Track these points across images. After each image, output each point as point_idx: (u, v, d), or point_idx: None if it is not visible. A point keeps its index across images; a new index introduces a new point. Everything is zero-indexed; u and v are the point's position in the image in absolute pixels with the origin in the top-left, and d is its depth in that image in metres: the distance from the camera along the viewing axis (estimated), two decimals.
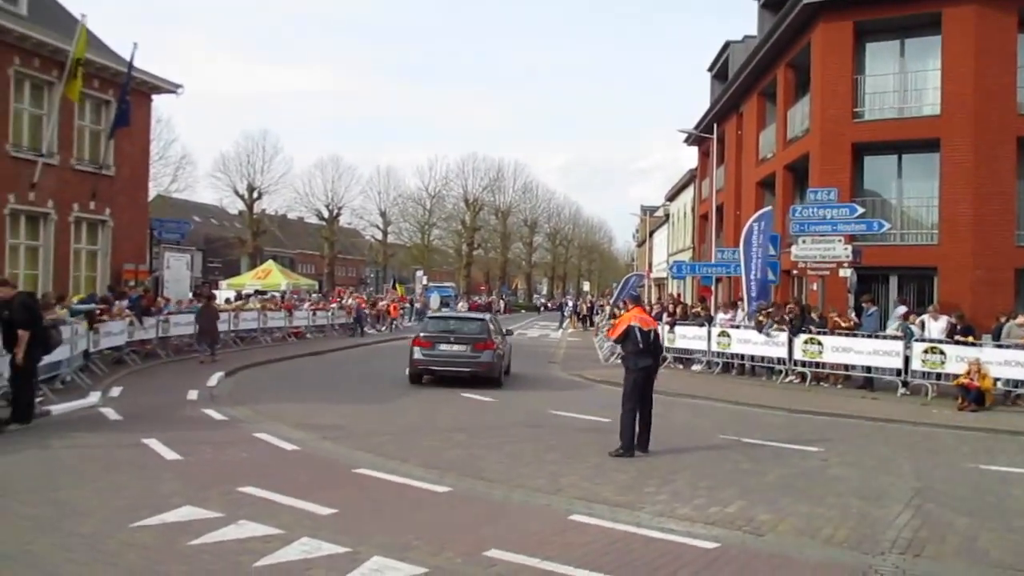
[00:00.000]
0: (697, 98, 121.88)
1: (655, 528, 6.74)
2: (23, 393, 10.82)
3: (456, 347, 16.93)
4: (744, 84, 29.40)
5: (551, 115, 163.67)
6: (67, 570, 5.34)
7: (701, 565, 5.88)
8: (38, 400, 11.73)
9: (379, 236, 72.43)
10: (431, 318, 20.63)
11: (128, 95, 22.15)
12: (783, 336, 17.93)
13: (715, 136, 32.79)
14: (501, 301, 68.17)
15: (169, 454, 9.14)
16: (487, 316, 20.76)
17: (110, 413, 12.11)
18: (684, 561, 5.94)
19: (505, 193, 76.11)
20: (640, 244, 71.10)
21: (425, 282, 56.69)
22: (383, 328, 37.83)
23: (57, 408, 12.06)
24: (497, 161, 75.04)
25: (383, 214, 70.19)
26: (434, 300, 49.12)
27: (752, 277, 20.45)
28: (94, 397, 13.32)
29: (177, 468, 8.56)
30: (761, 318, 18.81)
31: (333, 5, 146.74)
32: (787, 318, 18.22)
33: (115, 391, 14.32)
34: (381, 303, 41.16)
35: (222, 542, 5.97)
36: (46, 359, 12.31)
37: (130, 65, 21.91)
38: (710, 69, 37.48)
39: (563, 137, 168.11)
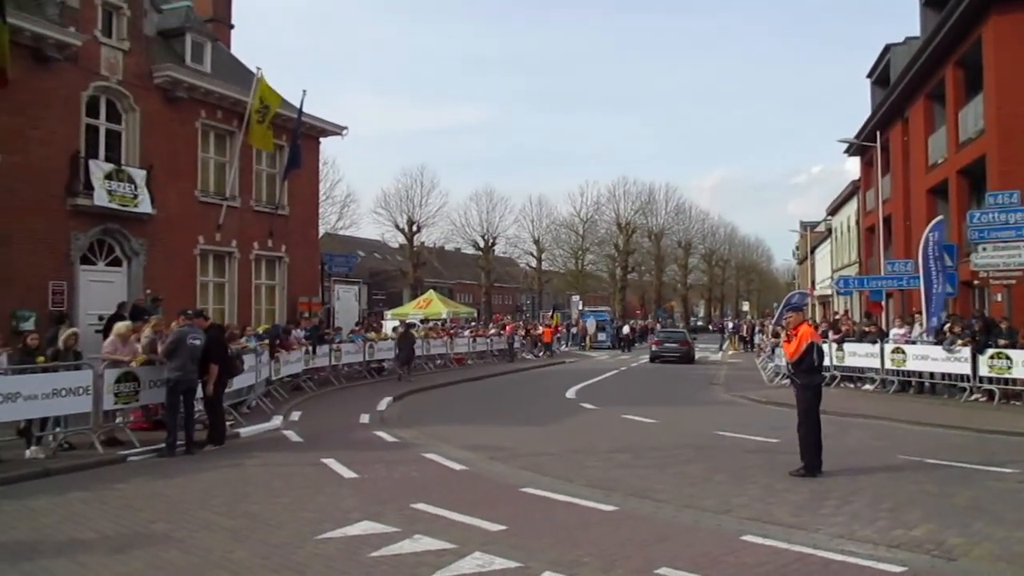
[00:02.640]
0: (856, 107, 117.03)
1: (834, 550, 6.43)
2: (216, 417, 11.80)
3: (673, 344, 35.74)
4: (908, 87, 27.88)
5: (701, 135, 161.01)
6: None
7: None
8: (228, 423, 12.72)
9: (533, 264, 73.27)
10: (662, 331, 42.80)
11: (299, 139, 23.68)
12: (966, 352, 16.72)
13: (878, 145, 31.19)
14: (658, 324, 67.22)
15: (347, 472, 9.65)
16: (685, 330, 44.68)
17: (292, 435, 12.96)
18: None
19: (657, 215, 75.32)
20: (801, 261, 68.33)
21: (581, 307, 56.80)
22: (540, 354, 38.19)
23: (245, 430, 13.02)
24: (648, 184, 74.54)
25: (537, 242, 71.03)
26: (590, 325, 49.11)
27: (934, 291, 19.23)
28: (277, 420, 14.25)
29: (355, 485, 9.02)
30: (950, 330, 17.57)
31: (478, 41, 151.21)
32: (972, 332, 16.95)
33: (295, 415, 15.28)
34: (536, 330, 41.61)
35: (400, 555, 6.24)
36: (235, 385, 13.34)
37: (300, 111, 23.46)
38: (870, 75, 35.78)
39: (715, 157, 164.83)
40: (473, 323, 40.73)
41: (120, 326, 12.23)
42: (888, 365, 18.73)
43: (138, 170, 19.41)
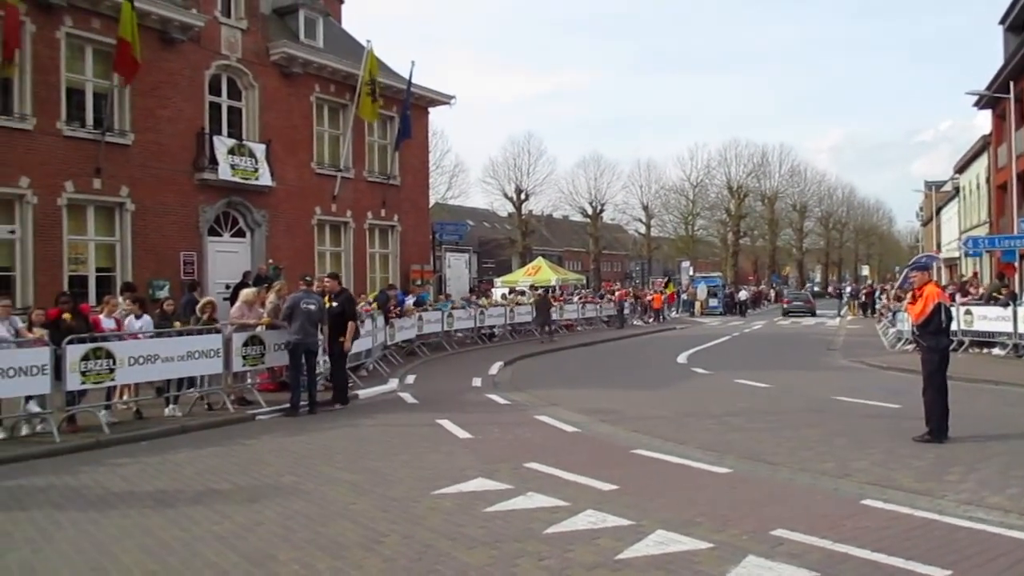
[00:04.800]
0: (988, 57, 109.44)
1: (961, 517, 6.16)
2: (340, 378, 12.33)
3: (799, 303, 48.10)
4: None
5: (818, 94, 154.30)
6: (384, 527, 6.00)
7: (1020, 556, 5.28)
8: (348, 385, 13.24)
9: (642, 230, 72.44)
10: (791, 294, 54.55)
11: (408, 110, 24.08)
12: None
13: (1012, 95, 29.14)
14: (771, 290, 65.45)
15: (461, 433, 9.91)
16: (808, 292, 57.36)
17: (407, 397, 13.40)
18: (999, 551, 5.37)
19: (771, 178, 73.05)
20: (925, 223, 64.98)
21: (692, 273, 55.96)
22: (650, 320, 37.90)
23: (363, 392, 13.55)
24: (761, 146, 72.17)
25: (645, 208, 70.11)
26: (701, 291, 48.34)
27: None
28: (393, 383, 14.75)
29: (469, 445, 9.26)
30: None
31: (582, 2, 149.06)
32: None
33: (410, 378, 15.77)
34: (646, 296, 41.31)
35: (513, 511, 6.38)
36: (354, 349, 13.87)
37: (409, 82, 23.83)
38: (1002, 22, 33.40)
39: (833, 116, 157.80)
40: (582, 289, 40.71)
41: (247, 292, 12.88)
42: (1021, 329, 17.68)
43: (258, 144, 20.22)
